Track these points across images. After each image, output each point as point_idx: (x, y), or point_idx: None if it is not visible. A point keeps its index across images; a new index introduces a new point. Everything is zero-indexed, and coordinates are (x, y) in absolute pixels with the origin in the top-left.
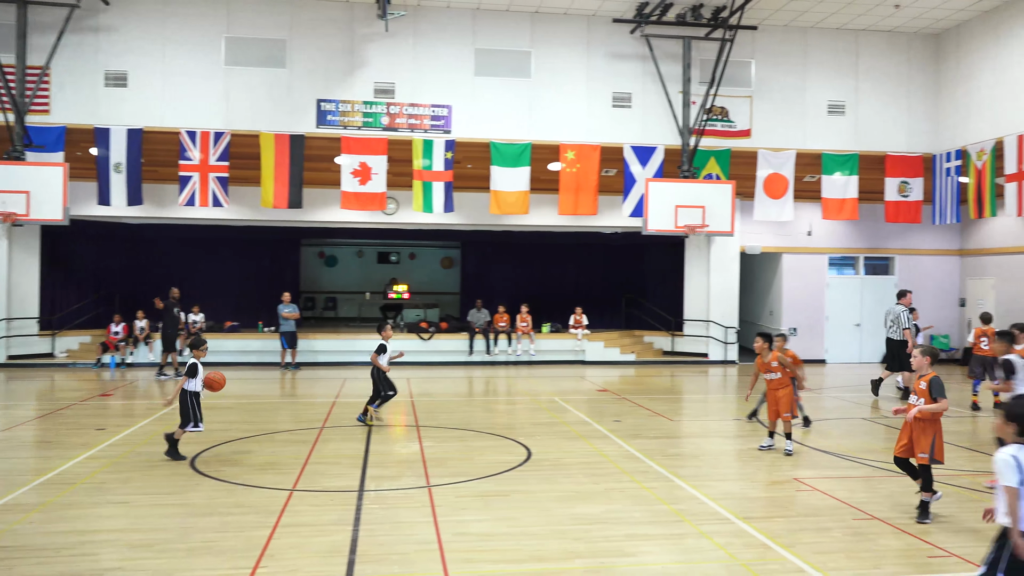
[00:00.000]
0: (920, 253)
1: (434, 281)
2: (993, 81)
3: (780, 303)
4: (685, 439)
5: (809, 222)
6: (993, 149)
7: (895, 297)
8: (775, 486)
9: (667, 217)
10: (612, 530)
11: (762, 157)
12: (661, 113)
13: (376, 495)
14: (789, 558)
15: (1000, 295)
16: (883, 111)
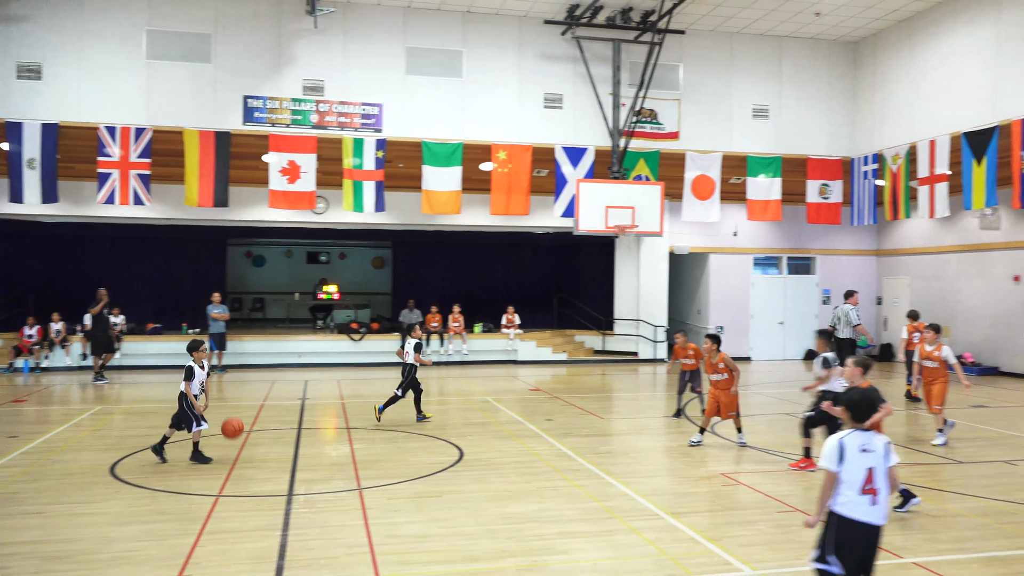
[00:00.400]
0: (840, 253)
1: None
2: (907, 88)
3: (707, 302)
4: (616, 437)
5: (735, 223)
6: (907, 153)
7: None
8: (703, 481)
9: (598, 217)
10: (544, 528)
11: (690, 159)
12: (592, 114)
13: (306, 499)
14: (716, 551)
15: (914, 293)
16: (805, 115)
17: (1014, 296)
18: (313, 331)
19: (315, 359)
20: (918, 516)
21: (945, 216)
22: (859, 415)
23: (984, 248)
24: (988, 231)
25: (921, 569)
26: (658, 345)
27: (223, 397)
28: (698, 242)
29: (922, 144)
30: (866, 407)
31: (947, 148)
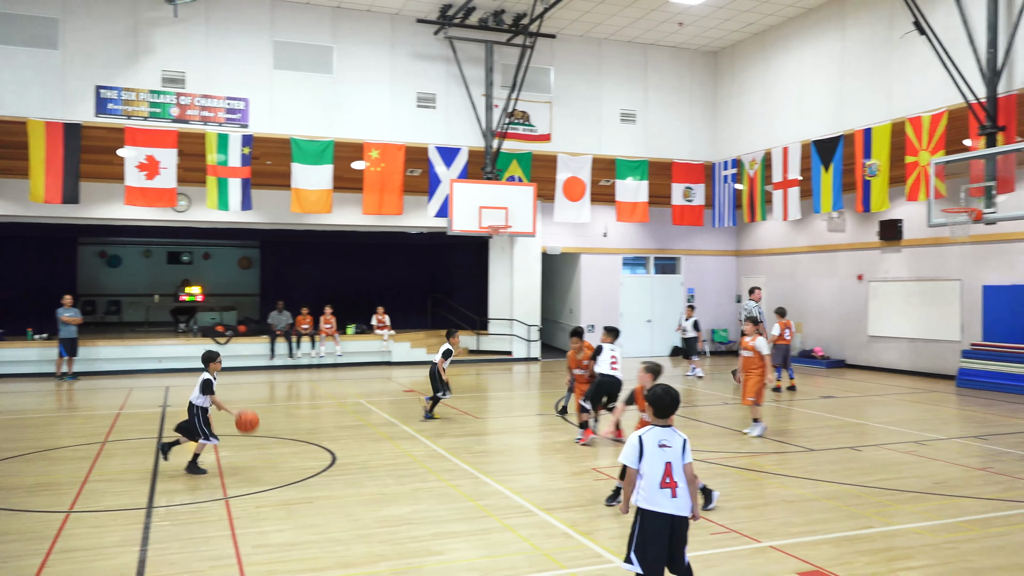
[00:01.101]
0: (703, 254)
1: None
2: (762, 98)
3: (579, 301)
4: (491, 436)
5: (605, 224)
6: (763, 159)
7: (747, 293)
8: (575, 477)
9: (472, 218)
10: (419, 530)
11: (561, 161)
12: (465, 115)
13: (167, 511)
14: (588, 545)
15: (770, 292)
16: (669, 121)
17: (858, 294)
18: (175, 335)
19: (177, 364)
20: (775, 502)
21: (797, 219)
22: (661, 411)
23: (832, 249)
24: (835, 233)
25: (778, 552)
26: (532, 344)
27: (74, 407)
28: (570, 242)
29: (776, 151)
30: (669, 402)
31: (798, 155)
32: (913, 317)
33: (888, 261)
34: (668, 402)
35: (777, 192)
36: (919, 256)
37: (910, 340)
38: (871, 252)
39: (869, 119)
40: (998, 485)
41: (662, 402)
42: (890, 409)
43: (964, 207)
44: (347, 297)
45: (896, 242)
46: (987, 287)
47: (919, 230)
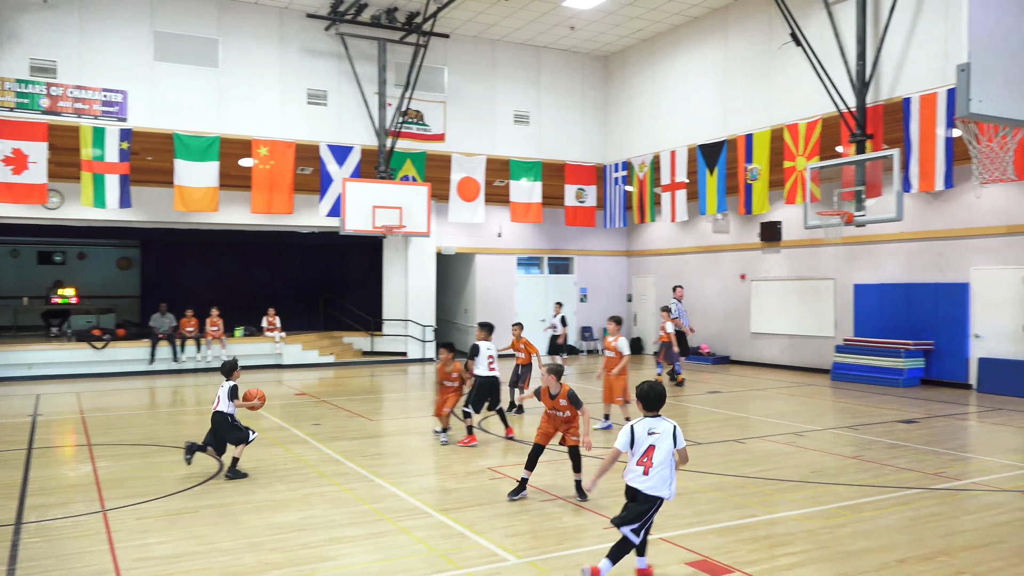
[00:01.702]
0: (595, 254)
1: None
2: (651, 102)
3: (474, 301)
4: (385, 438)
5: (499, 224)
6: (652, 162)
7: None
8: (470, 477)
9: (365, 217)
10: (311, 536)
11: (456, 161)
12: (358, 113)
13: (38, 527)
14: (484, 544)
15: (659, 291)
16: (562, 123)
17: (741, 293)
18: (47, 339)
19: (49, 370)
20: None
21: (684, 220)
22: (649, 405)
23: (717, 249)
24: (720, 234)
25: (667, 543)
26: (427, 345)
27: None
28: (464, 242)
29: (664, 154)
30: (655, 397)
31: (685, 159)
32: (792, 314)
33: (768, 261)
34: (654, 397)
35: (665, 194)
36: (797, 256)
37: (789, 336)
38: (753, 252)
39: (751, 125)
40: (868, 472)
41: (648, 397)
42: (771, 403)
43: (837, 210)
44: (236, 298)
45: (776, 243)
46: (858, 286)
47: (797, 232)
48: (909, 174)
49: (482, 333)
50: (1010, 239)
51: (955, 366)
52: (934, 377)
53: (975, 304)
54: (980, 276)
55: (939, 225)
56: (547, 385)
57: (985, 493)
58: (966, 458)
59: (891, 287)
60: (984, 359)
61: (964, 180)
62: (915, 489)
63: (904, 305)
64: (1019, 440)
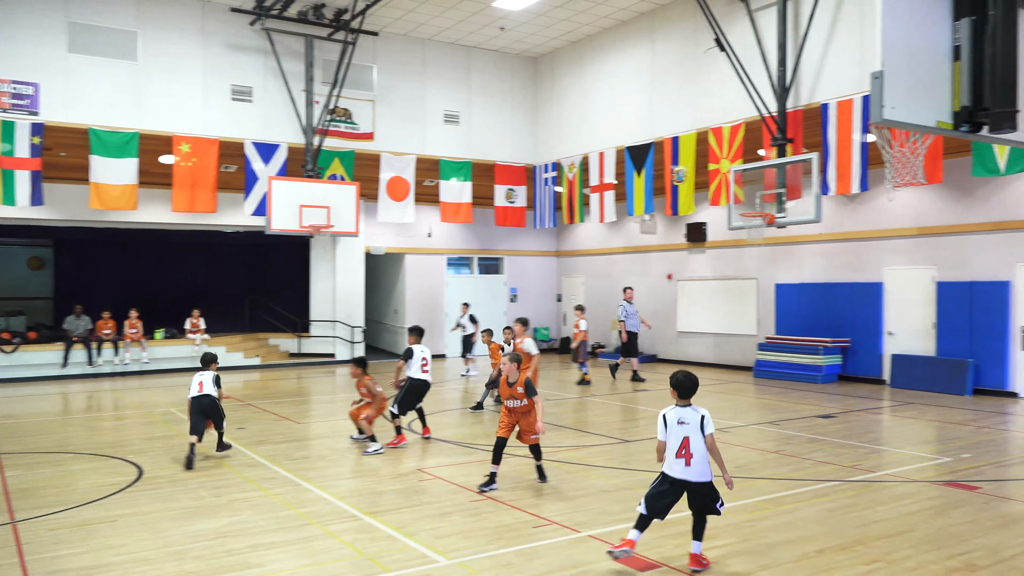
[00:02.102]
0: (525, 254)
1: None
2: (580, 104)
3: (404, 302)
4: (313, 441)
5: (429, 224)
6: (581, 163)
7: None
8: (400, 479)
9: (292, 217)
10: (236, 543)
11: (385, 160)
12: (284, 110)
13: None
14: (413, 546)
15: (588, 291)
16: (492, 123)
17: (668, 292)
18: None
19: None
20: (593, 493)
21: (613, 221)
22: (684, 393)
23: (644, 250)
24: (647, 235)
25: (596, 540)
26: (356, 346)
27: None
28: (394, 242)
29: (593, 155)
30: (689, 386)
31: (613, 160)
32: (716, 313)
33: (694, 261)
34: (689, 385)
35: (594, 195)
36: (721, 257)
37: (714, 335)
38: (679, 253)
39: (677, 128)
40: (789, 466)
41: (683, 386)
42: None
43: (759, 212)
44: (157, 300)
45: (701, 244)
46: (779, 285)
47: (721, 232)
48: (827, 177)
49: (413, 337)
50: (920, 240)
51: (870, 363)
52: (851, 373)
53: (888, 303)
54: (893, 276)
55: (855, 227)
56: (506, 373)
57: (897, 484)
58: (880, 451)
59: (810, 286)
60: (897, 355)
61: (878, 183)
62: (833, 482)
63: (822, 304)
64: (929, 433)
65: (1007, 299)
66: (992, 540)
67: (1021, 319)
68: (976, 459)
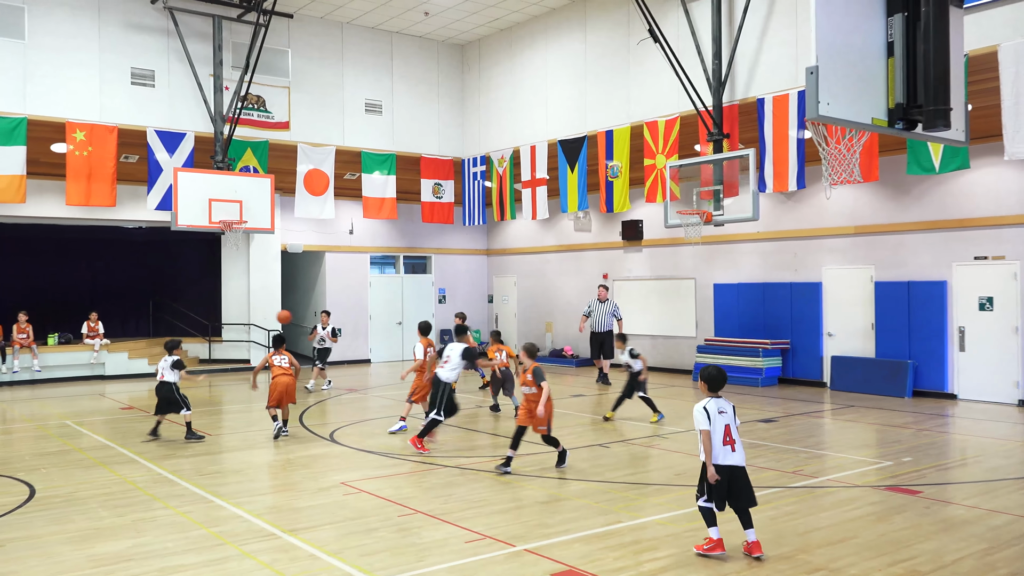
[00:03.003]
0: (454, 252)
1: None
2: (510, 95)
3: (325, 303)
4: (226, 454)
5: (351, 220)
6: (511, 157)
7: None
8: (322, 493)
9: (200, 211)
10: (141, 566)
11: (302, 152)
12: (191, 96)
13: None
14: (337, 565)
15: (520, 291)
16: (417, 114)
17: None
18: None
19: None
20: (529, 504)
21: (545, 218)
22: (714, 386)
23: (579, 248)
24: (581, 232)
25: (532, 554)
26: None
27: None
28: (313, 240)
29: (524, 149)
30: (720, 379)
31: (545, 154)
32: (654, 314)
33: (631, 260)
34: (720, 379)
35: (526, 191)
36: (658, 256)
37: (652, 337)
38: (615, 251)
39: (611, 121)
40: None
41: (715, 380)
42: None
43: (696, 209)
44: (50, 302)
45: (637, 242)
46: (717, 285)
47: (658, 230)
48: (764, 174)
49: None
50: (858, 239)
51: (810, 364)
52: (791, 376)
53: (828, 303)
54: (832, 275)
55: (793, 225)
56: (523, 364)
57: (839, 489)
58: (821, 455)
59: (749, 286)
60: (836, 357)
61: (816, 181)
62: (774, 488)
63: (761, 304)
64: (870, 436)
65: (944, 299)
66: (934, 544)
67: (958, 320)
68: (917, 462)
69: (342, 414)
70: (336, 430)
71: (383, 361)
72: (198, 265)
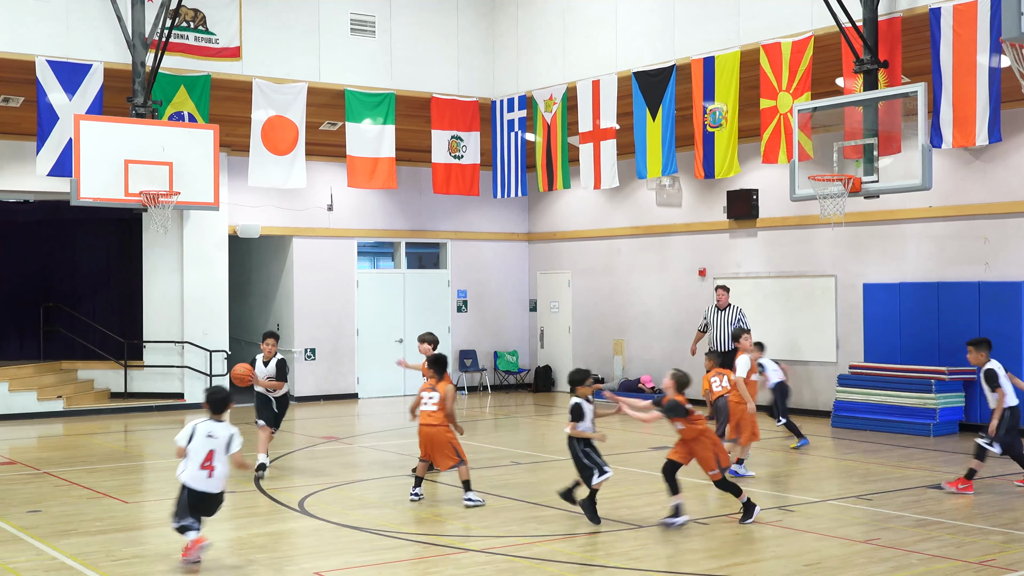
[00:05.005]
0: (479, 237)
1: None
2: (563, 6)
3: (291, 311)
4: (149, 530)
5: (330, 190)
6: (563, 98)
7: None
8: None
9: (113, 179)
10: None
11: (259, 91)
12: (98, 11)
13: None
14: None
15: (577, 294)
16: (425, 35)
17: (699, 297)
18: None
19: None
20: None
21: (614, 187)
22: (217, 408)
23: (663, 231)
24: (667, 208)
25: None
26: (214, 380)
27: None
28: (275, 220)
29: (583, 85)
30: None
31: (615, 93)
32: (775, 329)
33: (740, 249)
34: (223, 401)
35: (585, 147)
36: (780, 242)
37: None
38: (717, 236)
39: (712, 44)
40: (887, 563)
41: (217, 404)
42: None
43: (838, 174)
44: None
45: (750, 222)
46: (868, 286)
47: (780, 205)
48: (940, 121)
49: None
50: None
51: None
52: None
53: None
54: None
55: (983, 197)
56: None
57: None
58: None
59: (916, 287)
60: None
61: (1017, 132)
62: None
63: (935, 315)
64: None
65: None
66: None
67: None
68: None
69: (316, 473)
70: (308, 496)
71: (376, 396)
72: (109, 257)
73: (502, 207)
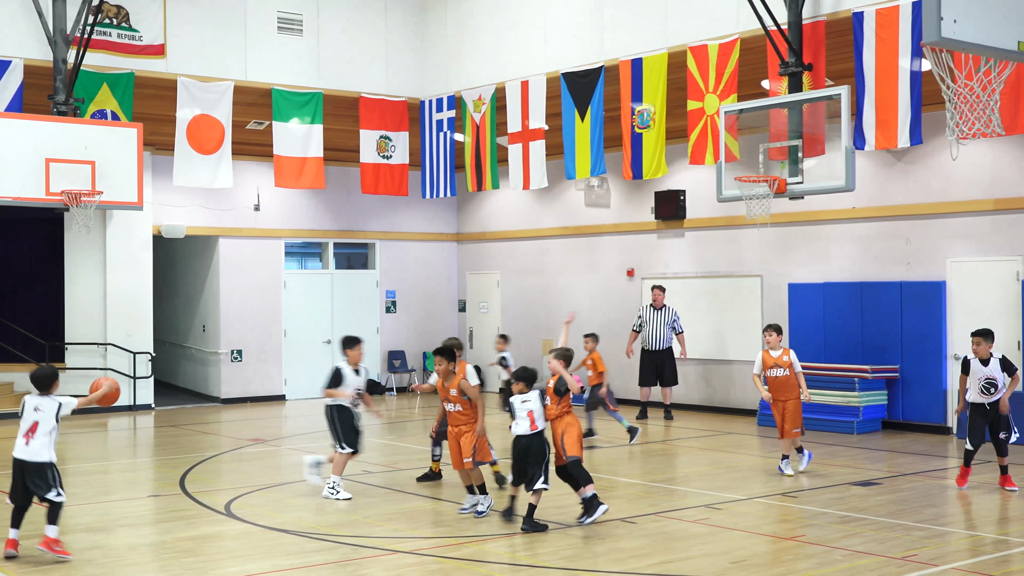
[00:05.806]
0: (408, 238)
1: None
2: (493, 7)
3: (217, 313)
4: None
5: (257, 190)
6: (493, 98)
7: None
8: None
9: (32, 178)
10: None
11: (184, 89)
12: (18, 6)
13: None
14: None
15: (506, 295)
16: (355, 34)
17: (627, 296)
18: None
19: None
20: None
21: (543, 187)
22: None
23: (592, 232)
24: (596, 208)
25: None
26: (140, 383)
27: None
28: (200, 220)
29: (512, 86)
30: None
31: (544, 94)
32: (702, 329)
33: (667, 249)
34: (49, 377)
35: (514, 147)
36: (707, 242)
37: (699, 361)
38: (645, 236)
39: (640, 45)
40: (812, 559)
41: (43, 380)
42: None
43: (763, 175)
44: None
45: (677, 222)
46: (794, 286)
47: (707, 206)
48: (863, 123)
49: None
50: (999, 218)
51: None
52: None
53: (954, 311)
54: (961, 271)
55: (904, 198)
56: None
57: None
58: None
59: (840, 288)
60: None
61: (937, 134)
62: None
63: (858, 314)
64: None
65: None
66: None
67: None
68: None
69: (243, 475)
70: (234, 499)
71: (303, 398)
72: (30, 257)
73: (431, 207)
